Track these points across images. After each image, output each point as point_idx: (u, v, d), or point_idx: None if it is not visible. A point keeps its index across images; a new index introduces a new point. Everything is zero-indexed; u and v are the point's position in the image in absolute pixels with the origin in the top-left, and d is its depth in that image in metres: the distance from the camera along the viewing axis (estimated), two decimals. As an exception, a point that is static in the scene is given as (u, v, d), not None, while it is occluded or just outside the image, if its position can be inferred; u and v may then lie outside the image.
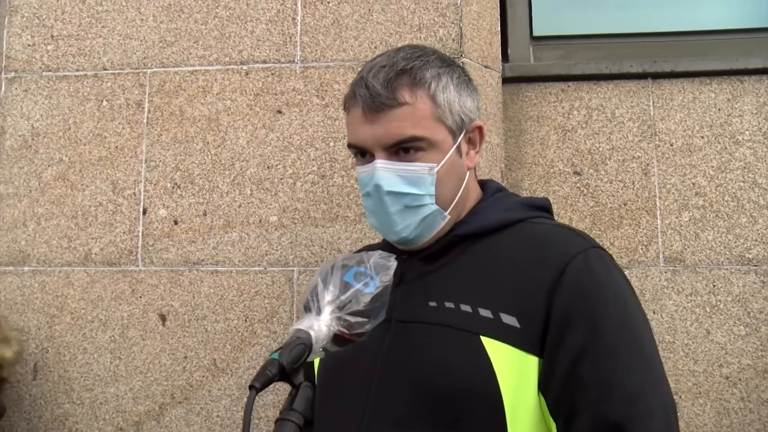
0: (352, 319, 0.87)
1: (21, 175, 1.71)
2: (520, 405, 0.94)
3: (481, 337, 0.95)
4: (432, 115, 1.03)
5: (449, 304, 1.00)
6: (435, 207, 1.04)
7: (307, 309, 0.89)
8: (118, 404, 1.59)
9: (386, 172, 1.02)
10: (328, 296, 0.88)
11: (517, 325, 0.95)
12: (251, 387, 0.78)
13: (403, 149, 1.02)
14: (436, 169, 1.03)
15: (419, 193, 1.02)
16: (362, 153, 1.06)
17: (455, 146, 1.05)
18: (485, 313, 0.97)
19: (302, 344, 0.83)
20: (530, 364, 0.94)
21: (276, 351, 0.82)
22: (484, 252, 1.04)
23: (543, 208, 1.14)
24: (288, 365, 0.80)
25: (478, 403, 0.93)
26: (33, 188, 1.71)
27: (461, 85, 1.08)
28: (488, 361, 0.94)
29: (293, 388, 0.83)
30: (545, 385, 0.94)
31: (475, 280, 1.02)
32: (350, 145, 1.08)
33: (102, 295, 1.64)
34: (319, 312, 0.87)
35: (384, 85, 1.01)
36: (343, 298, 0.88)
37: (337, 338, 0.87)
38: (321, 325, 0.86)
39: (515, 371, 0.94)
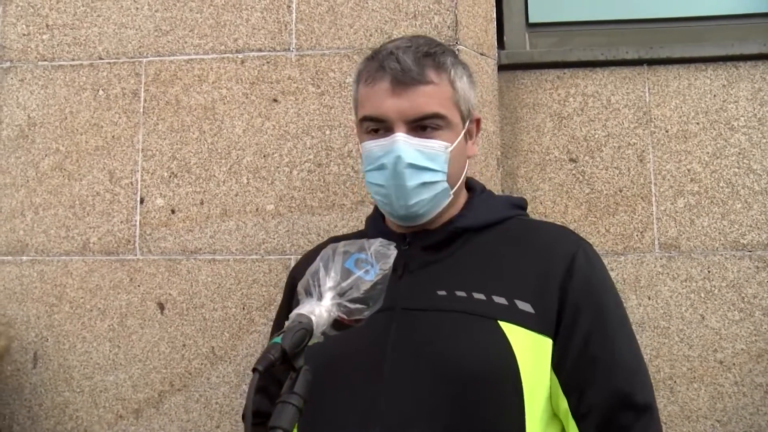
0: (352, 306, 0.89)
1: (18, 165, 1.72)
2: (536, 385, 1.01)
3: (499, 321, 1.01)
4: (452, 98, 1.10)
5: (460, 293, 1.05)
6: (446, 185, 1.10)
7: (307, 293, 0.90)
8: (117, 392, 1.61)
9: (407, 146, 1.06)
10: (329, 282, 0.90)
11: (531, 310, 1.03)
12: (254, 370, 0.79)
13: (421, 126, 1.07)
14: (450, 149, 1.08)
15: (436, 168, 1.07)
16: (375, 129, 1.09)
17: (464, 131, 1.13)
18: (500, 300, 1.03)
19: (304, 329, 0.84)
20: (544, 345, 1.02)
21: (278, 335, 0.83)
22: (485, 245, 1.11)
23: (522, 207, 1.23)
24: (290, 349, 0.82)
25: (500, 384, 0.99)
26: (30, 178, 1.71)
27: (469, 79, 1.16)
28: (508, 343, 1.00)
29: (294, 372, 0.83)
30: (559, 364, 1.02)
31: (481, 270, 1.08)
32: (368, 118, 1.09)
33: (100, 284, 1.65)
34: (320, 297, 0.89)
35: (415, 62, 1.06)
36: (344, 284, 0.90)
37: (336, 323, 0.89)
38: (322, 311, 0.87)
39: (532, 353, 1.01)
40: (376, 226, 1.19)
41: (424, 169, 1.06)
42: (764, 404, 1.59)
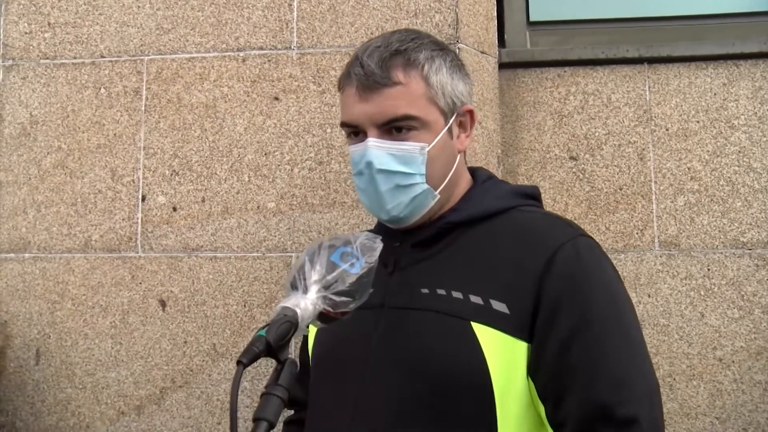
0: (337, 299, 0.89)
1: (20, 163, 1.72)
2: (509, 389, 0.96)
3: (472, 323, 0.97)
4: (425, 96, 1.04)
5: (441, 291, 1.01)
6: (426, 186, 1.05)
7: (293, 287, 0.90)
8: (119, 388, 1.62)
9: (378, 150, 1.03)
10: (314, 275, 0.90)
11: (506, 311, 0.97)
12: (239, 362, 0.79)
13: (395, 128, 1.03)
14: (427, 149, 1.04)
15: (410, 171, 1.03)
16: (355, 132, 1.07)
17: (446, 128, 1.07)
18: (476, 299, 0.98)
19: (288, 322, 0.84)
20: (519, 349, 0.96)
21: (263, 328, 0.83)
22: (476, 240, 1.06)
23: (532, 196, 1.15)
24: (274, 342, 0.82)
25: (467, 388, 0.95)
26: (32, 176, 1.72)
27: (453, 69, 1.09)
28: (478, 346, 0.95)
29: (279, 364, 0.83)
30: (534, 369, 0.96)
31: (466, 267, 1.03)
32: (343, 124, 1.08)
33: (102, 282, 1.65)
34: (305, 291, 0.89)
35: (379, 65, 1.02)
36: (329, 277, 0.89)
37: (322, 316, 0.89)
38: (307, 304, 0.87)
39: (504, 356, 0.96)
40: (380, 223, 1.18)
41: (397, 173, 1.03)
42: (763, 401, 1.60)
